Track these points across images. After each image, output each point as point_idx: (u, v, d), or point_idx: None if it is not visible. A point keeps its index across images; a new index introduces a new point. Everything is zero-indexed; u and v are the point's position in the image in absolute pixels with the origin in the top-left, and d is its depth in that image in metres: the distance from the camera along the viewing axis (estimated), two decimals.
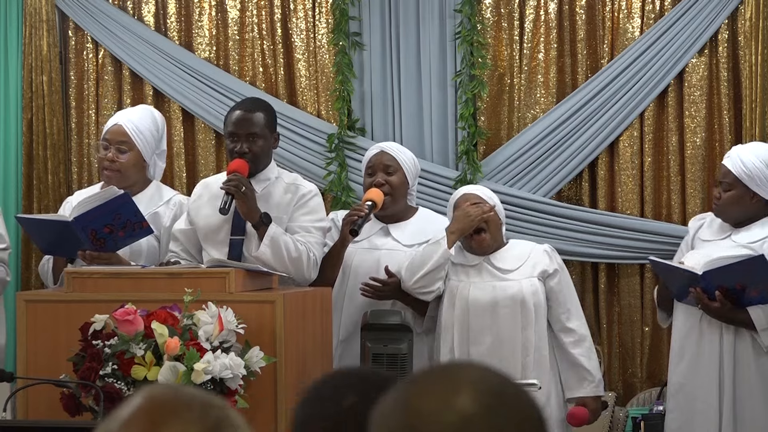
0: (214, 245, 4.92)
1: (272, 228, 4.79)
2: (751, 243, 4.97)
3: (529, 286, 4.96)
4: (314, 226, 4.95)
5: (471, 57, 6.10)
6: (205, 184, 5.16)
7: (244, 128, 4.90)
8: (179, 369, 4.05)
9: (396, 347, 4.69)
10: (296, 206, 4.95)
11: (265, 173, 4.97)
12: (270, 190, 4.95)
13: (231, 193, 4.75)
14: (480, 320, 4.95)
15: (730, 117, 6.04)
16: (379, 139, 6.11)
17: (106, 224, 4.81)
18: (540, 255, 5.04)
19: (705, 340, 4.91)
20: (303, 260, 4.84)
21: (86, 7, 6.46)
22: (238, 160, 4.87)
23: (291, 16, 6.37)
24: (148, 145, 5.21)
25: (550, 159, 6.12)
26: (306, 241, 4.88)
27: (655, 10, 6.12)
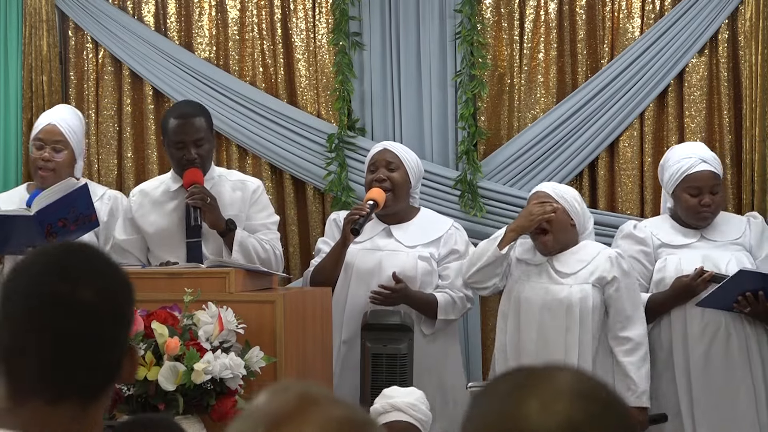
0: (169, 249, 4.94)
1: (239, 233, 4.87)
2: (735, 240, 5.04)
3: (578, 292, 4.88)
4: (270, 221, 5.06)
5: (471, 57, 6.10)
6: (142, 191, 5.19)
7: (189, 135, 4.95)
8: (179, 369, 4.05)
9: (395, 347, 4.68)
10: (250, 204, 5.03)
11: (209, 174, 5.05)
12: (218, 189, 5.01)
13: (198, 207, 4.80)
14: (528, 320, 4.92)
15: (730, 117, 6.04)
16: (379, 139, 6.10)
17: (60, 217, 4.82)
18: (603, 261, 4.93)
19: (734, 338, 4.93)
20: (272, 259, 4.94)
21: (86, 7, 6.46)
22: (191, 171, 4.92)
23: (291, 16, 6.37)
24: (79, 144, 5.33)
25: (550, 159, 6.12)
26: (268, 239, 4.98)
27: (655, 10, 6.12)
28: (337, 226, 5.20)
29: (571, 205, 4.99)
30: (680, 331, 5.03)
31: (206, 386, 4.05)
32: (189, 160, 4.93)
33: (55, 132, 5.26)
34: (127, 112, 6.46)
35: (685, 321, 5.02)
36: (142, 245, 5.07)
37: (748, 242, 5.07)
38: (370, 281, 5.12)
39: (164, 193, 5.05)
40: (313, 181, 6.27)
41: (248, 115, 6.30)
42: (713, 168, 5.03)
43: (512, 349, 4.94)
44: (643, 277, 5.10)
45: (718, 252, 5.02)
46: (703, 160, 5.04)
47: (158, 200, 5.04)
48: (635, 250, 5.13)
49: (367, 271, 5.14)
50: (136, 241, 5.08)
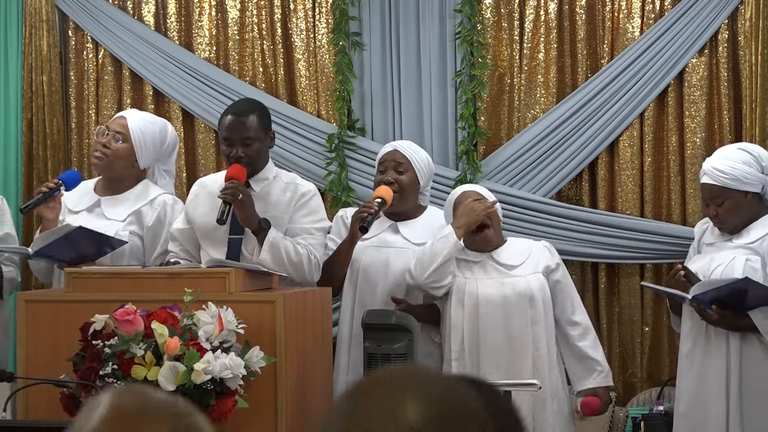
0: (213, 244, 4.91)
1: (272, 233, 4.79)
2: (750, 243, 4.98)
3: (535, 281, 5.01)
4: (315, 227, 4.94)
5: (471, 57, 6.10)
6: (202, 183, 5.16)
7: (238, 133, 4.89)
8: (179, 369, 4.05)
9: (389, 347, 4.66)
10: (296, 207, 4.94)
11: (263, 173, 4.97)
12: (268, 190, 4.95)
13: (228, 202, 4.75)
14: (490, 317, 4.95)
15: (730, 117, 6.04)
16: (379, 139, 6.11)
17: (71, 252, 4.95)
18: (541, 251, 5.10)
19: (712, 343, 4.92)
20: (304, 263, 4.84)
21: (86, 7, 6.46)
22: (235, 166, 4.86)
23: (291, 16, 6.37)
24: (145, 148, 5.23)
25: (550, 159, 6.12)
26: (307, 244, 4.88)
27: (655, 10, 6.12)
28: (344, 224, 5.20)
29: (498, 203, 5.16)
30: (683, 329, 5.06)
31: (206, 386, 4.05)
32: (235, 158, 4.89)
33: (120, 123, 5.24)
34: None
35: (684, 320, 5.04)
36: (194, 237, 5.02)
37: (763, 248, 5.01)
38: (377, 278, 5.13)
39: (219, 187, 4.98)
40: (313, 181, 6.26)
41: None
42: (711, 180, 4.98)
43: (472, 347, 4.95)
44: None
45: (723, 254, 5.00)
46: (704, 172, 5.01)
47: (212, 194, 4.98)
48: (692, 244, 5.22)
49: (375, 267, 5.14)
50: (188, 232, 5.02)
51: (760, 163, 5.00)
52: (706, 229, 5.16)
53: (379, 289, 5.13)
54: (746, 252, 4.96)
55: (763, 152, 5.04)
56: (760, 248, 4.96)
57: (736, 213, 5.00)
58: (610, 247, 6.04)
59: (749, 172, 4.95)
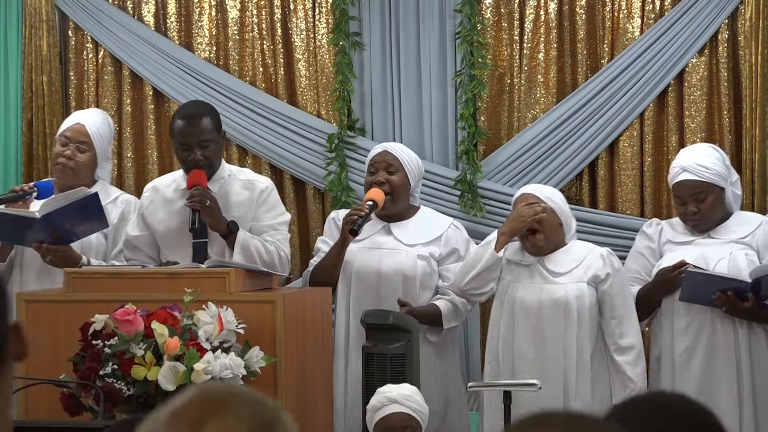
0: (176, 250, 4.94)
1: (240, 235, 4.85)
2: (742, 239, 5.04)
3: (574, 291, 4.91)
4: (278, 222, 5.02)
5: (471, 57, 6.10)
6: (154, 188, 5.18)
7: (194, 137, 4.94)
8: (179, 369, 4.04)
9: (386, 347, 4.65)
10: (258, 204, 5.00)
11: (219, 173, 5.03)
12: (227, 189, 5.00)
13: (197, 209, 4.79)
14: (524, 321, 4.93)
15: (730, 117, 6.04)
16: (379, 139, 6.10)
17: (69, 220, 4.92)
18: (595, 259, 4.97)
19: (719, 335, 4.93)
20: (275, 261, 4.91)
21: (86, 7, 6.46)
22: (195, 172, 4.91)
23: (291, 16, 6.37)
24: (103, 148, 5.36)
25: (550, 159, 6.12)
26: (274, 240, 4.95)
27: (655, 10, 6.12)
28: (336, 226, 5.20)
29: (557, 205, 5.04)
30: (668, 327, 5.05)
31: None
32: (194, 161, 4.93)
33: (82, 132, 5.30)
34: (127, 112, 6.46)
35: (672, 316, 5.04)
36: (153, 242, 5.07)
37: (756, 242, 5.07)
38: (370, 279, 5.12)
39: (174, 191, 5.04)
40: (313, 181, 6.27)
41: (248, 115, 6.30)
42: (694, 176, 5.01)
43: (506, 351, 4.94)
44: (646, 272, 5.17)
45: (716, 249, 5.03)
46: (685, 169, 5.05)
47: (168, 198, 5.03)
48: (642, 246, 5.21)
49: (367, 269, 5.13)
50: (146, 238, 5.07)
51: (725, 162, 5.14)
52: (662, 230, 5.18)
53: (373, 291, 5.11)
54: (741, 247, 5.01)
55: (723, 153, 5.23)
56: (753, 242, 5.02)
57: (716, 209, 5.06)
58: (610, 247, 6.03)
59: (723, 169, 5.07)
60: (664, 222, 5.29)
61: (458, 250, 5.24)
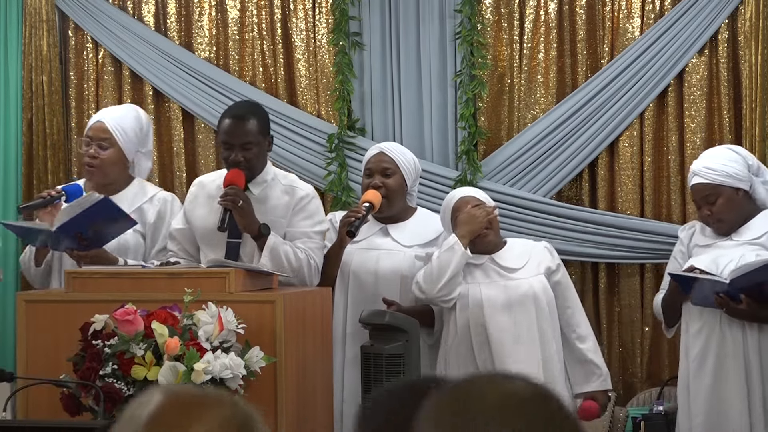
0: (211, 247, 4.91)
1: (271, 239, 4.79)
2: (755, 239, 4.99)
3: (538, 283, 4.98)
4: (314, 230, 4.94)
5: (471, 57, 6.10)
6: (200, 183, 5.13)
7: (238, 137, 4.87)
8: (179, 369, 4.04)
9: (382, 347, 4.64)
10: (295, 210, 4.94)
11: (261, 176, 4.95)
12: (267, 193, 4.94)
13: (228, 209, 4.75)
14: (496, 320, 4.93)
15: (730, 117, 6.04)
16: (379, 139, 6.10)
17: (90, 226, 4.87)
18: (541, 252, 5.07)
19: (728, 342, 4.92)
20: (304, 268, 4.85)
21: (86, 7, 6.46)
22: (233, 172, 4.85)
23: (291, 16, 6.37)
24: (131, 143, 5.19)
25: (550, 159, 6.12)
26: (306, 248, 4.88)
27: (655, 10, 6.12)
28: (333, 227, 5.18)
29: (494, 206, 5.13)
30: (684, 331, 5.05)
31: (206, 386, 4.05)
32: (234, 162, 4.87)
33: (101, 129, 5.17)
34: None
35: (687, 321, 5.03)
36: (192, 237, 5.01)
37: None
38: (367, 280, 5.11)
39: (217, 189, 4.96)
40: (313, 181, 6.26)
41: None
42: (702, 179, 5.00)
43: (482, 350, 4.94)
44: None
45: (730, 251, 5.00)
46: (695, 173, 5.03)
47: (210, 195, 4.98)
48: (677, 250, 5.19)
49: (365, 270, 5.12)
50: (186, 232, 5.01)
51: (747, 162, 5.07)
52: (693, 233, 5.16)
53: (370, 292, 5.09)
54: (754, 248, 4.98)
55: (748, 153, 5.15)
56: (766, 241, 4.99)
57: (731, 210, 5.01)
58: (610, 247, 6.04)
59: (739, 169, 5.01)
60: (697, 224, 5.22)
61: None
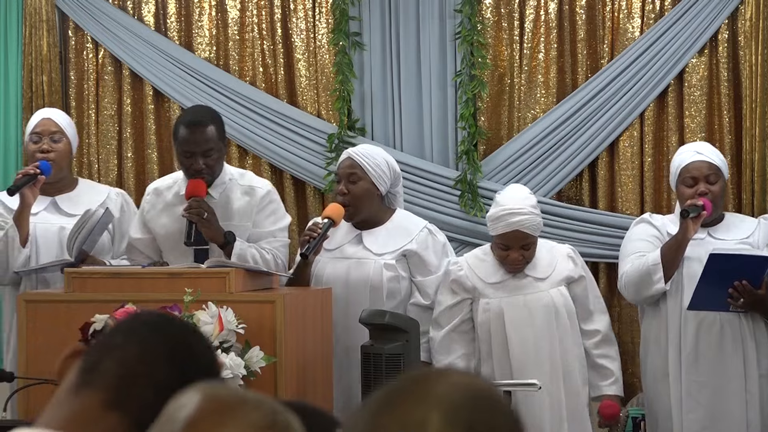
0: (177, 255, 4.93)
1: (237, 245, 4.86)
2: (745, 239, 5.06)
3: (559, 296, 5.00)
4: (277, 228, 5.03)
5: (471, 57, 6.10)
6: (156, 191, 5.16)
7: (198, 146, 4.91)
8: None
9: (381, 347, 4.64)
10: (257, 211, 5.00)
11: (220, 178, 5.03)
12: (227, 195, 4.99)
13: (194, 221, 4.78)
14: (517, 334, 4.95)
15: (730, 117, 6.04)
16: (379, 139, 6.11)
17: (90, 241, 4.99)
18: (564, 261, 5.07)
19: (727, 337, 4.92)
20: (272, 268, 4.89)
21: (86, 7, 6.46)
22: (193, 182, 4.89)
23: (291, 16, 6.37)
24: (74, 135, 5.38)
25: (550, 159, 6.12)
26: (272, 248, 4.96)
27: (655, 10, 6.12)
28: None
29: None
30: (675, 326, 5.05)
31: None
32: (196, 170, 4.90)
33: (51, 123, 5.32)
34: (127, 112, 6.46)
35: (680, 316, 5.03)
36: (155, 245, 5.07)
37: (756, 241, 5.08)
38: (337, 290, 5.00)
39: (175, 196, 5.02)
40: (313, 181, 6.27)
41: (248, 115, 6.30)
42: (709, 159, 5.05)
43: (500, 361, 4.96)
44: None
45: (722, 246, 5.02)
46: (698, 152, 5.08)
47: (170, 203, 5.02)
48: (649, 234, 5.17)
49: (335, 279, 5.04)
50: (149, 241, 5.08)
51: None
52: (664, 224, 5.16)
53: (342, 301, 5.00)
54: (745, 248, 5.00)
55: None
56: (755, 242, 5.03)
57: (720, 199, 5.08)
58: (610, 247, 6.03)
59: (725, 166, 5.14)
60: (663, 217, 5.27)
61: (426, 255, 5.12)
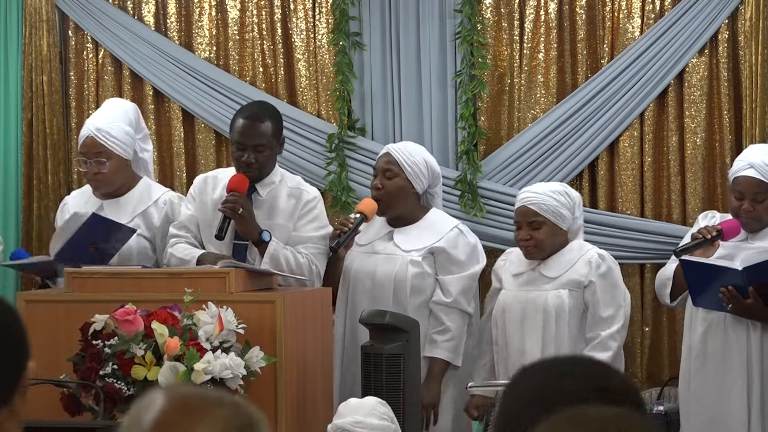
0: (216, 245, 4.91)
1: (272, 245, 4.80)
2: None
3: (555, 298, 4.91)
4: (318, 235, 4.95)
5: (471, 57, 6.10)
6: (205, 179, 5.07)
7: (251, 139, 4.86)
8: (179, 369, 4.05)
9: (382, 347, 4.64)
10: (300, 214, 4.94)
11: (270, 177, 4.95)
12: (275, 194, 4.94)
13: (228, 216, 4.76)
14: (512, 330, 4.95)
15: (730, 117, 6.04)
16: (379, 139, 6.11)
17: (89, 244, 4.88)
18: (582, 265, 4.95)
19: (732, 340, 4.89)
20: (305, 273, 4.85)
21: (86, 7, 6.46)
22: (237, 177, 4.85)
23: (291, 16, 6.37)
24: (126, 144, 5.11)
25: (550, 159, 6.12)
26: (308, 253, 4.89)
27: (655, 10, 6.12)
28: None
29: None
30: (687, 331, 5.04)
31: (206, 386, 4.05)
32: (246, 163, 4.86)
33: (93, 145, 5.06)
34: None
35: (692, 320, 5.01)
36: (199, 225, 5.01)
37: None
38: (365, 285, 5.05)
39: (223, 188, 4.96)
40: (313, 181, 6.26)
41: None
42: (758, 175, 4.88)
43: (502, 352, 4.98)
44: None
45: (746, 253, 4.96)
46: (752, 165, 4.87)
47: (217, 196, 4.98)
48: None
49: (364, 274, 5.06)
50: (194, 219, 4.99)
51: None
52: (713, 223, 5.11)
53: (368, 296, 5.03)
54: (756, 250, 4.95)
55: None
56: None
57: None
58: (610, 247, 6.01)
59: None
60: (718, 215, 5.17)
61: (454, 254, 5.11)
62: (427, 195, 5.17)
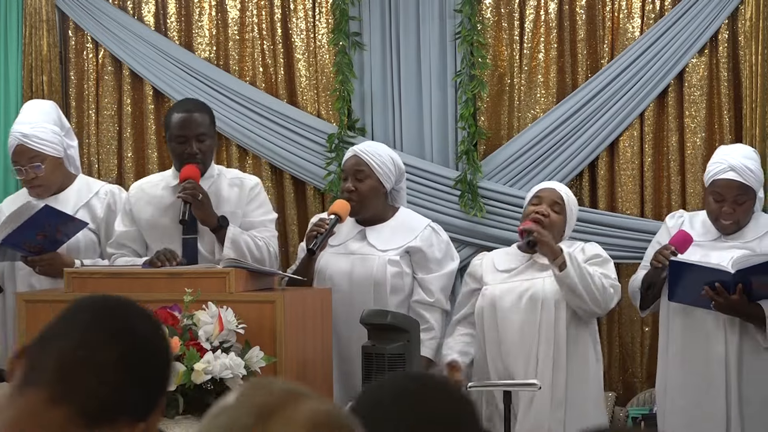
0: (165, 244, 4.92)
1: (231, 230, 4.86)
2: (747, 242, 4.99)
3: (550, 284, 4.96)
4: (267, 219, 5.05)
5: (471, 57, 6.10)
6: (140, 188, 5.17)
7: (192, 129, 4.95)
8: (179, 369, 4.05)
9: (383, 347, 4.64)
10: (247, 201, 5.02)
11: (209, 171, 5.04)
12: (217, 186, 5.02)
13: (188, 202, 4.80)
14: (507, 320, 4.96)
15: (730, 117, 6.04)
16: (380, 139, 6.10)
17: (37, 233, 4.96)
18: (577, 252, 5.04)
19: (712, 339, 4.90)
20: (265, 256, 4.92)
21: (86, 7, 6.46)
22: (189, 167, 4.92)
23: (291, 16, 6.37)
24: (56, 144, 5.24)
25: (550, 159, 6.12)
26: (263, 237, 4.96)
27: (655, 10, 6.12)
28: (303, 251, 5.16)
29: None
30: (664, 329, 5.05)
31: (206, 386, 4.05)
32: (190, 154, 4.94)
33: (25, 152, 5.19)
34: (127, 112, 6.47)
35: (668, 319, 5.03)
36: (140, 238, 5.06)
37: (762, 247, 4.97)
38: (342, 286, 5.03)
39: (164, 189, 5.05)
40: (313, 181, 6.28)
41: (248, 115, 6.30)
42: (740, 178, 4.91)
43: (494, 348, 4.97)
44: None
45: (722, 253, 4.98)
46: (733, 168, 4.91)
47: (156, 195, 5.05)
48: (661, 237, 5.15)
49: (339, 275, 5.06)
50: (133, 233, 5.07)
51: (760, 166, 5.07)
52: (681, 223, 5.13)
53: (346, 297, 5.02)
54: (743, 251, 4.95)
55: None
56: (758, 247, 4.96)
57: (748, 215, 4.99)
58: (610, 247, 6.02)
59: (761, 175, 4.99)
60: (687, 215, 5.20)
61: (430, 252, 5.13)
62: (392, 192, 5.21)
